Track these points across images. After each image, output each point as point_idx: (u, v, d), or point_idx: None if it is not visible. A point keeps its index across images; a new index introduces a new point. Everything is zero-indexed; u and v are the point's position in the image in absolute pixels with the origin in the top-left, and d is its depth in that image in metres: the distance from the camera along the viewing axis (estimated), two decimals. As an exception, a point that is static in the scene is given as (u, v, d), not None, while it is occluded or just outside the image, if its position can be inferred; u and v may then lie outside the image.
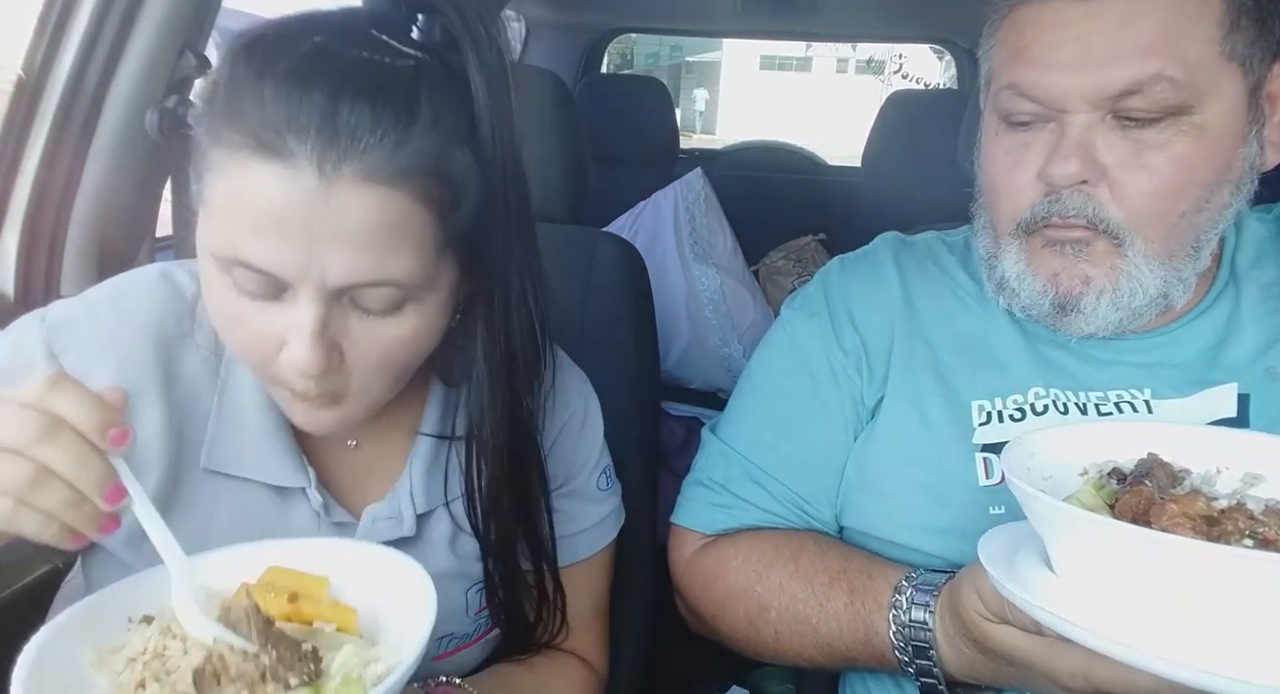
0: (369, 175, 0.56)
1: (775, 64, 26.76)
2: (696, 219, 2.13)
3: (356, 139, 0.55)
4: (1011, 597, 0.54)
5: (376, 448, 0.78)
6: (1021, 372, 0.81)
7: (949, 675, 0.70)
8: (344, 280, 0.58)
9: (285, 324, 0.59)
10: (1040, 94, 0.73)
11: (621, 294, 1.21)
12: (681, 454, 1.82)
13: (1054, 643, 0.58)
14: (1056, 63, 0.72)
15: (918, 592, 0.71)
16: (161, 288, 0.72)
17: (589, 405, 0.87)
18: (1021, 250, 0.78)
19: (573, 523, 0.86)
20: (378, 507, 0.75)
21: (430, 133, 0.58)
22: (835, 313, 0.89)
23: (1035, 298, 0.78)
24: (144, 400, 0.68)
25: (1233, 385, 0.75)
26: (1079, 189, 0.72)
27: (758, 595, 0.81)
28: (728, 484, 0.88)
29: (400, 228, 0.58)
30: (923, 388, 0.82)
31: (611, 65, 4.78)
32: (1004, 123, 0.78)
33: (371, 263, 0.58)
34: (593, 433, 0.88)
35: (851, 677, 0.90)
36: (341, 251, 0.57)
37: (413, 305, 0.62)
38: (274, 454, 0.71)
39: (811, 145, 3.60)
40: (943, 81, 10.03)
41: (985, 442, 0.78)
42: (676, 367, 2.04)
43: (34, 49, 1.04)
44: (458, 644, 0.80)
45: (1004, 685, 0.67)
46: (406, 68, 0.59)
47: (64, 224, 1.10)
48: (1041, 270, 0.77)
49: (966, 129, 1.15)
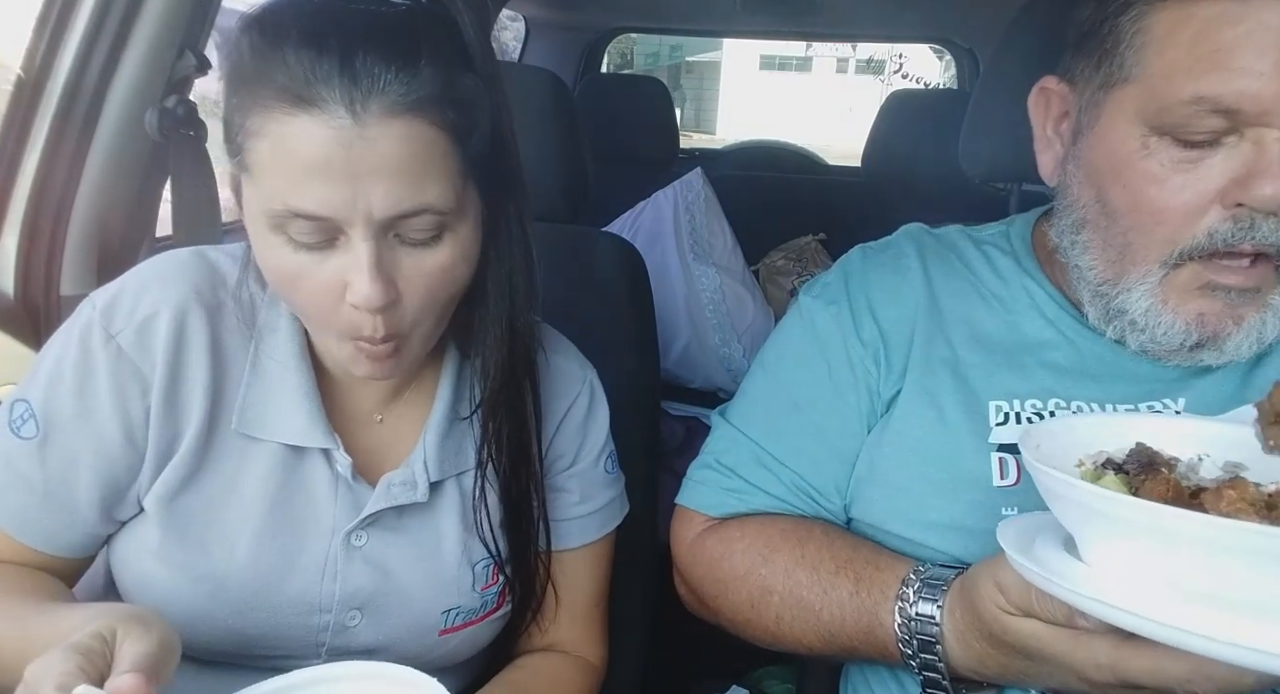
0: (392, 108, 0.61)
1: (775, 64, 26.77)
2: (696, 219, 2.13)
3: (375, 77, 0.61)
4: (1054, 588, 0.53)
5: (397, 422, 0.82)
6: (1043, 380, 0.79)
7: (953, 670, 0.69)
8: (389, 211, 0.63)
9: (344, 267, 0.65)
10: (1247, 105, 0.64)
11: (621, 294, 1.21)
12: (681, 454, 1.82)
13: (1079, 635, 0.58)
14: (1265, 70, 0.64)
15: (926, 586, 0.71)
16: (196, 262, 0.77)
17: (595, 389, 0.90)
18: (1161, 286, 0.71)
19: (583, 504, 0.88)
20: (394, 473, 0.78)
21: (434, 63, 0.63)
22: (855, 303, 0.87)
23: (1169, 336, 0.72)
24: (193, 358, 0.74)
25: None
26: (1274, 214, 0.66)
27: (761, 578, 0.80)
28: (737, 469, 0.87)
29: (427, 154, 0.63)
30: (940, 385, 0.81)
31: (611, 65, 4.78)
32: (1163, 136, 0.69)
33: (409, 191, 0.63)
34: (599, 416, 0.90)
35: (853, 674, 0.90)
36: (381, 183, 0.62)
37: (449, 235, 0.68)
38: (302, 420, 0.75)
39: (811, 145, 3.60)
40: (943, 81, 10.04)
41: (1001, 441, 0.77)
42: (676, 366, 2.04)
43: (34, 49, 1.04)
44: (465, 619, 0.81)
45: (1012, 681, 0.66)
46: (401, 12, 0.65)
47: (64, 224, 1.10)
48: (1183, 310, 0.70)
49: (967, 129, 1.15)
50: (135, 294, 0.74)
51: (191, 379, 0.74)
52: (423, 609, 0.78)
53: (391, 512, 0.77)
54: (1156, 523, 0.50)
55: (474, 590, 0.81)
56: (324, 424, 0.75)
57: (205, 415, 0.74)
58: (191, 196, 1.15)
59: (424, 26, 0.65)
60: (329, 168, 0.61)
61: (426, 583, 0.79)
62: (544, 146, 1.19)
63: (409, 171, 0.63)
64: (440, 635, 0.80)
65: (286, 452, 0.75)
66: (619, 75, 4.56)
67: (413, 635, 0.79)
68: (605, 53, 3.38)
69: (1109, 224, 0.74)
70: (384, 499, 0.77)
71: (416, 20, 0.65)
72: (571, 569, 0.88)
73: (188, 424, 0.73)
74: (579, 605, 0.89)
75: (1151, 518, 0.50)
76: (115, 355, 0.71)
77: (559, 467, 0.87)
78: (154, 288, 0.74)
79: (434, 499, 0.80)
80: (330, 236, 0.64)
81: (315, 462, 0.76)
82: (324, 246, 0.65)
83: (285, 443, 0.75)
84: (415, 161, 0.63)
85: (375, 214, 0.62)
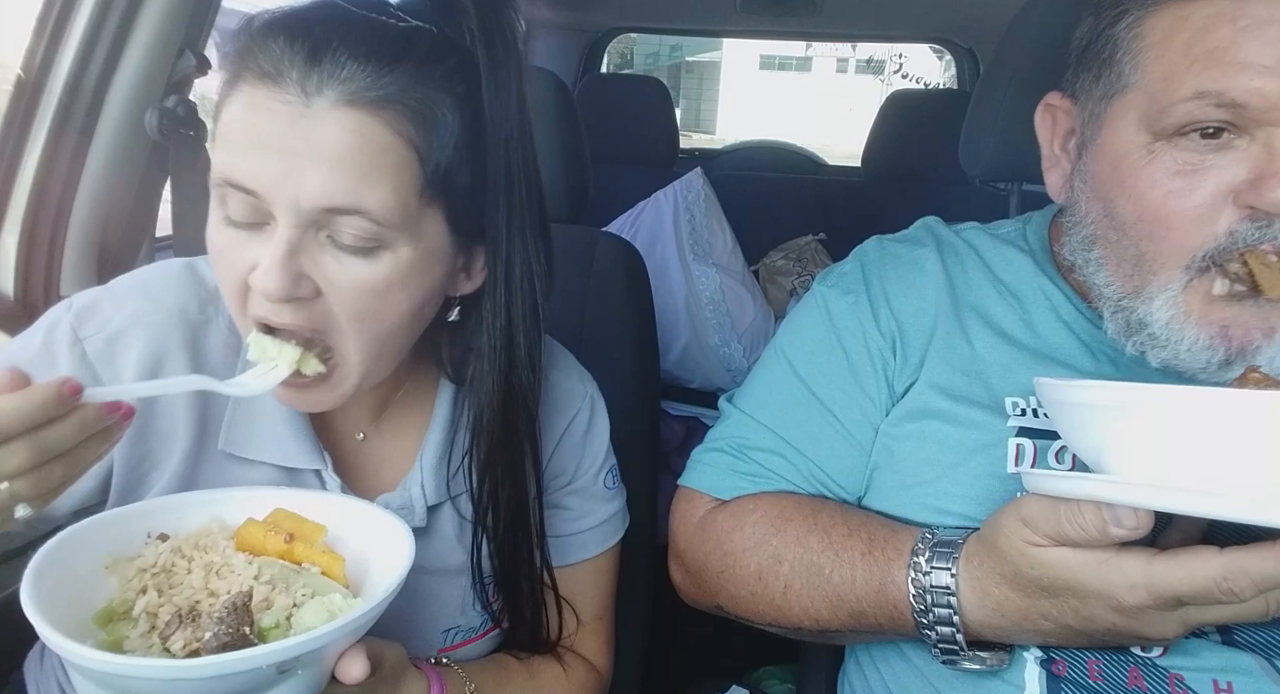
0: (348, 99, 0.60)
1: (775, 64, 26.77)
2: (696, 219, 2.13)
3: (339, 66, 0.60)
4: (1089, 486, 0.54)
5: (386, 442, 0.80)
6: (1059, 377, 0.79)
7: (967, 627, 0.68)
8: (318, 201, 0.60)
9: (262, 252, 0.62)
10: (1254, 100, 0.62)
11: (621, 294, 1.21)
12: (681, 454, 1.82)
13: (1110, 558, 0.58)
14: (1269, 64, 0.61)
15: (941, 543, 0.70)
16: (185, 276, 0.75)
17: (595, 405, 0.89)
18: (1185, 294, 0.68)
19: (581, 520, 0.87)
20: (390, 496, 0.77)
21: (414, 77, 0.62)
22: (873, 294, 0.87)
23: (1194, 352, 0.68)
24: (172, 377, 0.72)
25: None
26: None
27: (773, 548, 0.80)
28: (752, 454, 0.87)
29: (376, 155, 0.61)
30: (957, 378, 0.81)
31: (611, 65, 4.78)
32: (1167, 140, 0.67)
33: (346, 186, 0.60)
34: (599, 432, 0.89)
35: (850, 673, 0.90)
36: (318, 170, 0.60)
37: (387, 252, 0.64)
38: (290, 439, 0.73)
39: (811, 145, 3.61)
40: (943, 81, 10.03)
41: (1020, 426, 0.77)
42: (676, 366, 2.04)
43: (34, 49, 1.04)
44: (464, 637, 0.81)
45: (1031, 625, 0.65)
46: (400, 27, 0.64)
47: (64, 224, 1.10)
48: (1207, 321, 0.67)
49: (967, 129, 1.15)
50: (115, 304, 0.72)
51: (171, 401, 0.72)
52: (422, 630, 0.78)
53: None
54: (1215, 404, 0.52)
55: (474, 608, 0.81)
56: (313, 444, 0.74)
57: (191, 434, 0.72)
58: (191, 196, 1.15)
59: (421, 43, 0.64)
60: (268, 142, 0.60)
61: (425, 604, 0.78)
62: (544, 146, 1.18)
63: (350, 165, 0.60)
64: (440, 654, 0.79)
65: (277, 471, 0.74)
66: (619, 75, 4.56)
67: (412, 654, 0.78)
68: (605, 53, 3.38)
69: (1119, 237, 0.72)
70: None
71: (415, 36, 0.64)
72: (573, 584, 0.87)
73: (169, 446, 0.72)
74: (584, 618, 0.89)
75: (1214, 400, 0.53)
76: (79, 359, 0.70)
77: (558, 484, 0.86)
78: (136, 302, 0.72)
79: (431, 521, 0.79)
80: (261, 220, 0.62)
81: (307, 481, 0.75)
82: (253, 228, 0.63)
83: (275, 464, 0.74)
84: (360, 156, 0.61)
85: (304, 202, 0.60)
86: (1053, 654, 0.72)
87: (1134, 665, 0.69)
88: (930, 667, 0.77)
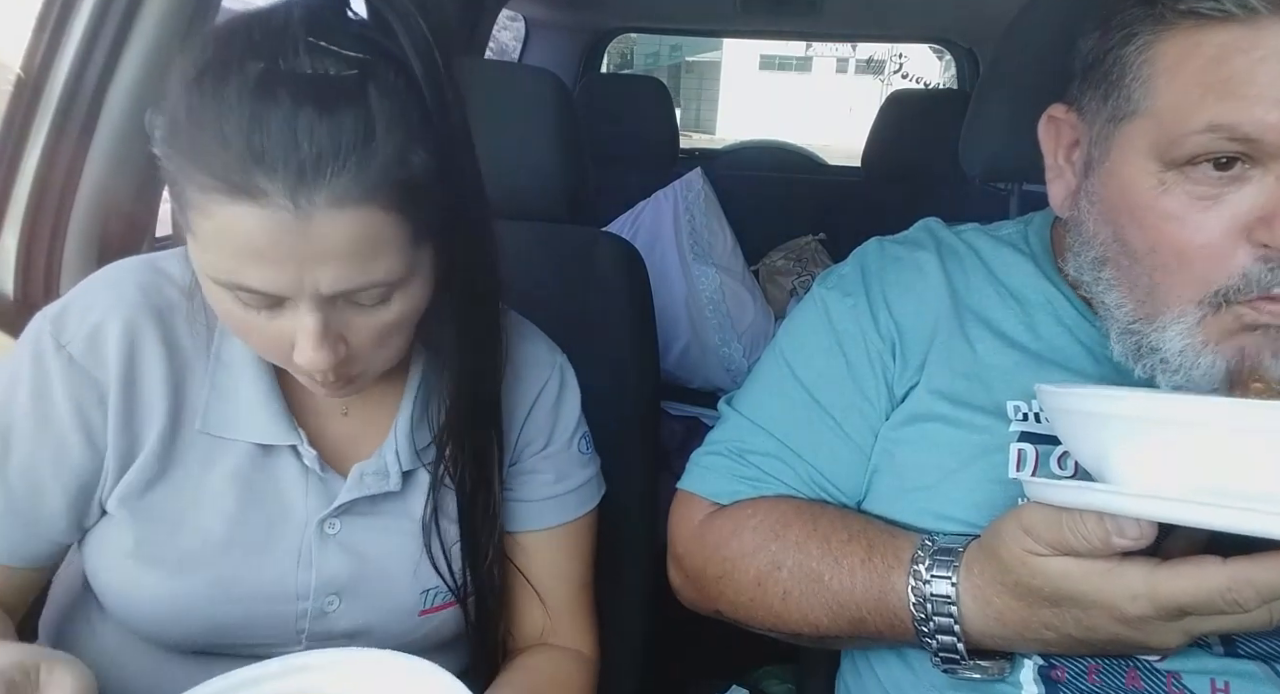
0: (340, 200, 0.59)
1: (775, 64, 26.78)
2: (696, 219, 2.13)
3: (321, 168, 0.58)
4: (1090, 496, 0.54)
5: (365, 414, 0.83)
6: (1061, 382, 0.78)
7: (968, 635, 0.68)
8: (335, 289, 0.63)
9: (292, 328, 0.66)
10: (1269, 135, 0.61)
11: (621, 294, 1.21)
12: (681, 454, 1.81)
13: (1113, 568, 0.57)
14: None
15: (941, 550, 0.70)
16: (148, 269, 0.78)
17: (565, 373, 0.91)
18: (1200, 327, 0.67)
19: (559, 483, 0.89)
20: (365, 463, 0.80)
21: (387, 139, 0.60)
22: (872, 296, 0.87)
23: (1208, 377, 0.67)
24: (148, 361, 0.74)
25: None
26: None
27: (772, 554, 0.80)
28: (751, 458, 0.87)
29: (377, 237, 0.63)
30: (958, 382, 0.81)
31: (611, 65, 4.78)
32: (1176, 169, 0.66)
33: (357, 271, 0.63)
34: (570, 398, 0.91)
35: (846, 676, 0.90)
36: (328, 268, 0.62)
37: (399, 294, 0.68)
38: (266, 418, 0.76)
39: (811, 145, 3.61)
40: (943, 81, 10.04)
41: (1022, 431, 0.77)
42: (676, 366, 2.04)
43: (34, 49, 1.04)
44: (445, 599, 0.82)
45: (1033, 635, 0.65)
46: (351, 76, 0.60)
47: (64, 224, 1.10)
48: (1225, 347, 0.66)
49: (967, 129, 1.15)
50: (83, 304, 0.74)
51: (149, 383, 0.74)
52: (401, 590, 0.80)
53: (364, 500, 0.79)
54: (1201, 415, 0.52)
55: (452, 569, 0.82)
56: (287, 421, 0.77)
57: (167, 417, 0.75)
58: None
59: (376, 89, 0.60)
60: (273, 253, 0.60)
61: (403, 564, 0.80)
62: (544, 147, 1.19)
63: (357, 255, 0.62)
64: (421, 616, 0.81)
65: (254, 449, 0.77)
66: (619, 75, 4.56)
67: (393, 617, 0.80)
68: (605, 53, 3.38)
69: (1131, 264, 0.70)
70: (356, 489, 0.78)
71: (368, 82, 0.60)
72: (552, 551, 0.88)
73: (149, 427, 0.74)
74: (563, 591, 0.89)
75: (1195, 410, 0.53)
76: (66, 363, 0.72)
77: (531, 451, 0.88)
78: (101, 296, 0.74)
79: (407, 486, 0.81)
80: (278, 302, 0.64)
81: (283, 456, 0.78)
82: (272, 307, 0.65)
83: (252, 442, 0.76)
84: (364, 244, 0.62)
85: (323, 291, 0.63)
86: (1053, 660, 0.72)
87: (1132, 668, 0.69)
88: (926, 669, 0.77)
